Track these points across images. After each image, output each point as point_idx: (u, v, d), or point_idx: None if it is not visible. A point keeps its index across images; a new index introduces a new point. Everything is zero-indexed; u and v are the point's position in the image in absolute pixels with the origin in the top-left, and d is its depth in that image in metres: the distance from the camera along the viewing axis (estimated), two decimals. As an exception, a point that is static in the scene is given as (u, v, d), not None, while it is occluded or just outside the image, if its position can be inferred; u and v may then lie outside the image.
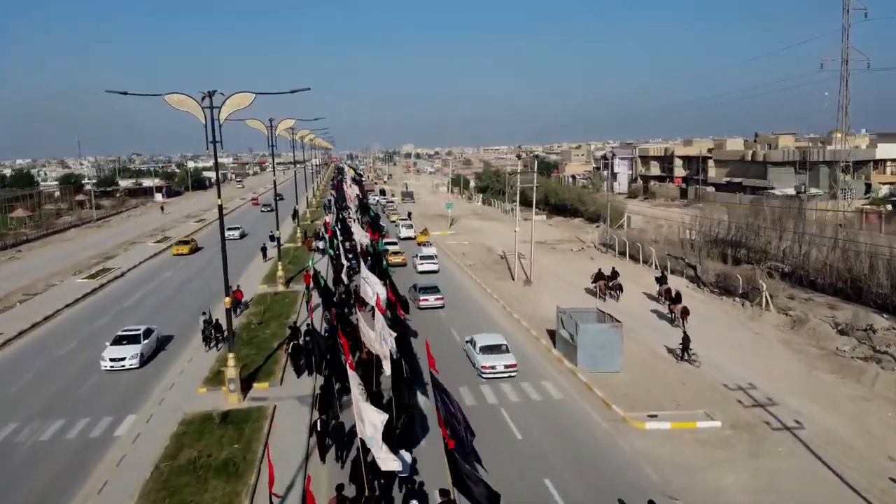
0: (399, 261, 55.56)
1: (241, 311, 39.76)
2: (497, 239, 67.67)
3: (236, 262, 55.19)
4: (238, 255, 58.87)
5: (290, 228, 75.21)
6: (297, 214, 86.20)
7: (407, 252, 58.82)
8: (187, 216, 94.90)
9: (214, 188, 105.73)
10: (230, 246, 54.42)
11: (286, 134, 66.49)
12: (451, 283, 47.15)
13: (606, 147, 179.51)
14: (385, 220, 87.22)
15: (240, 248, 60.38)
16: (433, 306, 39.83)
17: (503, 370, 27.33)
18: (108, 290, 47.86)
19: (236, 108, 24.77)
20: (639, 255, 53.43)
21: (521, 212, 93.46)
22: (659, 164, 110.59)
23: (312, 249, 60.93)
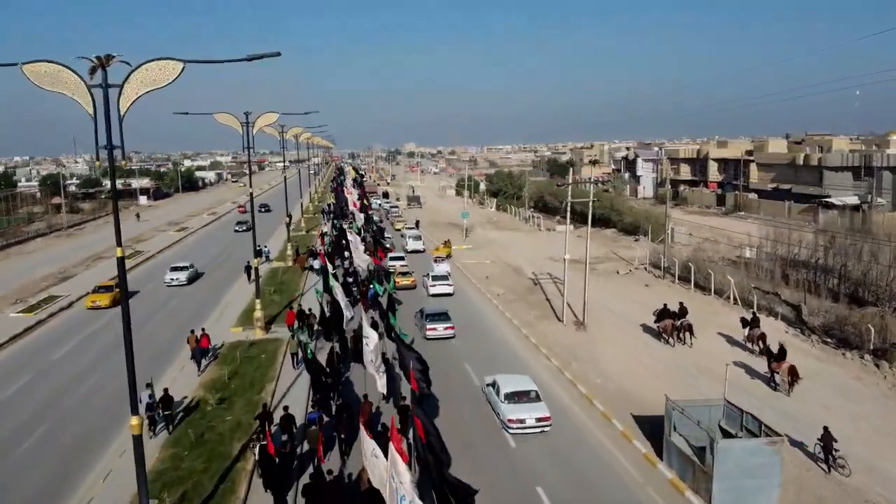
0: (408, 283, 45.80)
1: (206, 364, 29.39)
2: (522, 255, 57.10)
3: (214, 289, 45.02)
4: (213, 283, 48.48)
5: (283, 239, 64.78)
6: (290, 223, 75.83)
7: (416, 266, 48.92)
8: (169, 223, 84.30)
9: (208, 189, 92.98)
10: (167, 295, 43.50)
11: (274, 132, 56.22)
12: (478, 323, 36.71)
13: (620, 146, 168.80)
14: (389, 228, 76.79)
15: (186, 297, 44.33)
16: (442, 336, 33.29)
17: (534, 424, 22.16)
18: (39, 332, 37.22)
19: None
20: (707, 282, 42.93)
21: (536, 218, 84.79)
22: (690, 166, 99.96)
23: (306, 268, 50.51)
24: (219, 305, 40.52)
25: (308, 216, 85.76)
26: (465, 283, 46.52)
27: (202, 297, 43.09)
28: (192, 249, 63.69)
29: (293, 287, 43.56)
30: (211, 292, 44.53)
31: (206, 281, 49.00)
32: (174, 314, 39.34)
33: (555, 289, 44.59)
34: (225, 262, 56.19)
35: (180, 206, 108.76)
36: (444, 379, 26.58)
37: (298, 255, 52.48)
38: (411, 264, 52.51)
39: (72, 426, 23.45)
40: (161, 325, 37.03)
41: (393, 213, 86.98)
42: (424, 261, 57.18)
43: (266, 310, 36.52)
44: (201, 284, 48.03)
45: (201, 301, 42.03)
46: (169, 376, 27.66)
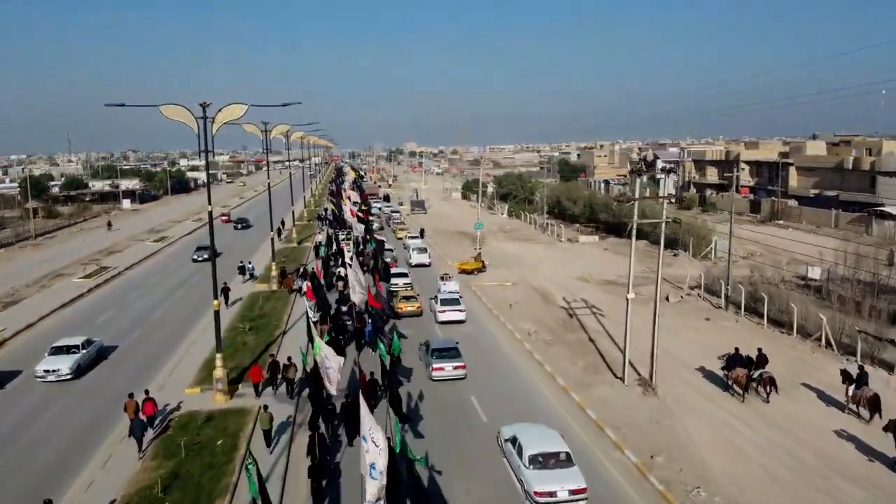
0: (412, 309, 37.93)
1: (151, 440, 21.15)
2: (547, 274, 48.64)
3: (178, 326, 36.32)
4: (177, 317, 40.05)
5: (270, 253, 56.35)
6: (281, 232, 67.35)
7: (421, 284, 40.76)
8: (150, 231, 75.77)
9: (200, 190, 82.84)
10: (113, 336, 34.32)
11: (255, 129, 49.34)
12: (508, 379, 28.07)
13: (632, 146, 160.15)
14: (390, 237, 68.44)
15: (134, 343, 35.23)
16: (450, 377, 27.36)
17: (567, 498, 17.37)
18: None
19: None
20: (782, 314, 34.59)
21: (552, 226, 76.12)
22: (718, 169, 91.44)
23: (294, 291, 42.23)
24: (178, 349, 31.95)
25: (302, 224, 77.27)
26: (483, 314, 38.05)
27: (159, 339, 34.59)
28: (164, 265, 55.18)
29: (274, 322, 35.05)
30: (173, 331, 35.94)
31: (170, 311, 40.48)
32: (116, 369, 30.89)
33: (595, 323, 36.13)
34: (201, 281, 47.74)
35: (167, 210, 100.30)
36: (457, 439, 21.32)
37: (285, 276, 43.95)
38: (416, 282, 44.48)
39: None
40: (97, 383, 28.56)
41: (394, 220, 78.52)
42: (431, 275, 49.12)
43: (235, 358, 28.20)
44: (164, 317, 39.53)
45: (157, 345, 33.45)
46: (83, 479, 19.24)
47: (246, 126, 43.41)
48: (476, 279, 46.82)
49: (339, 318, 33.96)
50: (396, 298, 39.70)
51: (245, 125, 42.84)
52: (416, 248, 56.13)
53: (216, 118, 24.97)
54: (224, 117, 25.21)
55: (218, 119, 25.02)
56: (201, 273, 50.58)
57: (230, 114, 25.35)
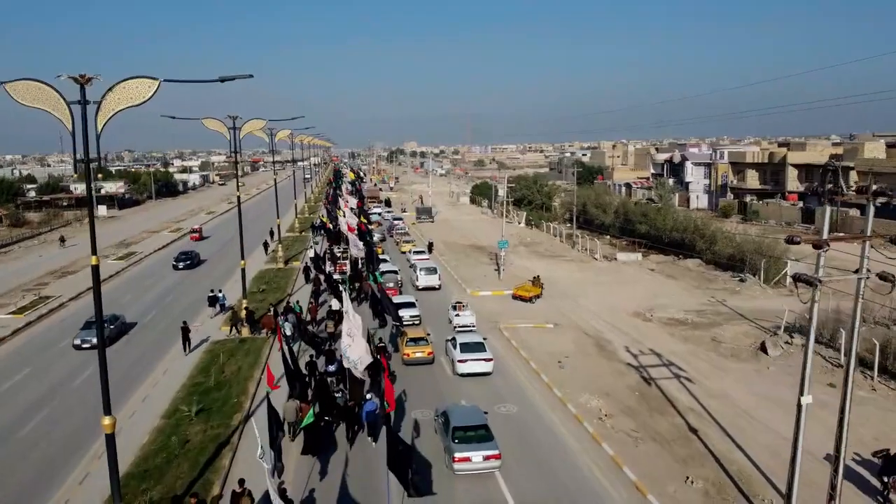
0: (422, 355, 29.45)
1: None
2: (593, 307, 38.42)
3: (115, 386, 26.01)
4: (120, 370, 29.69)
5: (252, 276, 46.10)
6: (268, 246, 57.27)
7: (430, 313, 30.84)
8: (119, 244, 65.44)
9: (189, 194, 71.38)
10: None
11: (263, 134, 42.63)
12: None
13: (648, 146, 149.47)
14: (391, 249, 58.51)
15: None
16: (480, 470, 19.24)
17: None
18: None
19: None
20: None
21: (577, 237, 65.11)
22: (759, 173, 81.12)
23: (275, 329, 32.25)
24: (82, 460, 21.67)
25: (293, 236, 66.98)
26: (523, 377, 27.78)
27: (65, 432, 24.31)
28: (120, 293, 44.86)
29: (234, 397, 24.70)
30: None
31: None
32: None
33: (685, 394, 25.82)
34: (160, 318, 37.46)
35: (147, 218, 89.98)
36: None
37: (268, 312, 33.47)
38: (424, 311, 34.75)
39: None
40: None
41: (397, 229, 68.21)
42: (442, 302, 39.29)
43: (163, 478, 17.92)
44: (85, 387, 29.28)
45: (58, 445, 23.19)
46: None
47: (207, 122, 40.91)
48: (505, 316, 36.51)
49: (326, 388, 23.81)
50: (401, 340, 30.30)
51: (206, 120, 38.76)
52: (425, 267, 46.14)
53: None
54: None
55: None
56: (162, 306, 40.23)
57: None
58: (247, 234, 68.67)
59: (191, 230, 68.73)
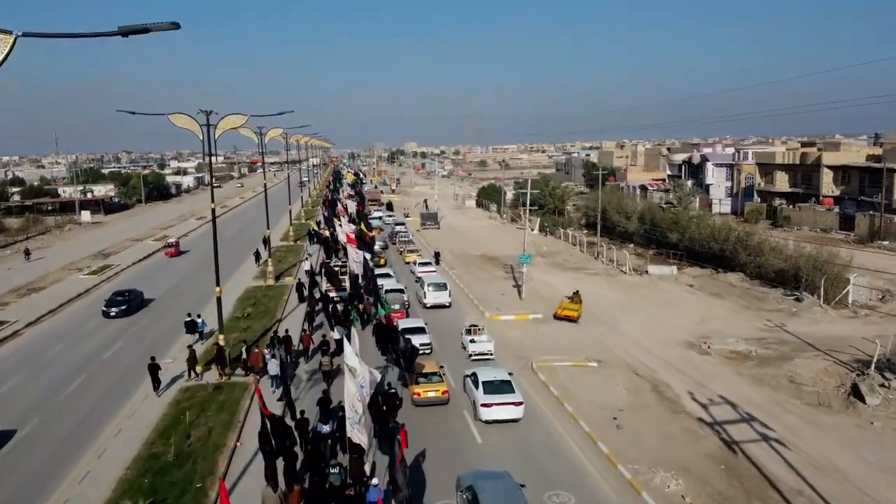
0: (435, 394, 24.25)
1: None
2: (637, 335, 32.45)
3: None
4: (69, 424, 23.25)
5: (240, 289, 40.01)
6: (259, 257, 51.35)
7: (439, 337, 25.38)
8: (96, 254, 59.33)
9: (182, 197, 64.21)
10: None
11: (251, 133, 39.29)
12: None
13: (660, 146, 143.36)
14: (395, 259, 52.79)
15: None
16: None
17: None
18: None
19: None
20: None
21: (601, 246, 53.73)
22: (789, 175, 75.09)
23: (259, 375, 26.45)
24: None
25: (287, 245, 60.90)
26: (567, 434, 21.77)
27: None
28: (84, 318, 38.76)
29: (208, 458, 18.72)
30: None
31: (48, 428, 24.16)
32: None
33: (781, 465, 19.82)
34: (118, 356, 31.42)
35: (134, 224, 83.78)
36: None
37: (223, 361, 26.99)
38: (435, 336, 29.09)
39: None
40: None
41: (400, 237, 62.09)
42: (453, 321, 33.61)
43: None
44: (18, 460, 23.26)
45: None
46: None
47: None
48: (536, 349, 30.49)
49: (319, 462, 17.95)
50: (411, 376, 24.77)
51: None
52: (434, 283, 40.35)
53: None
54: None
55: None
56: (126, 336, 34.14)
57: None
58: (240, 241, 62.67)
59: (165, 244, 59.44)
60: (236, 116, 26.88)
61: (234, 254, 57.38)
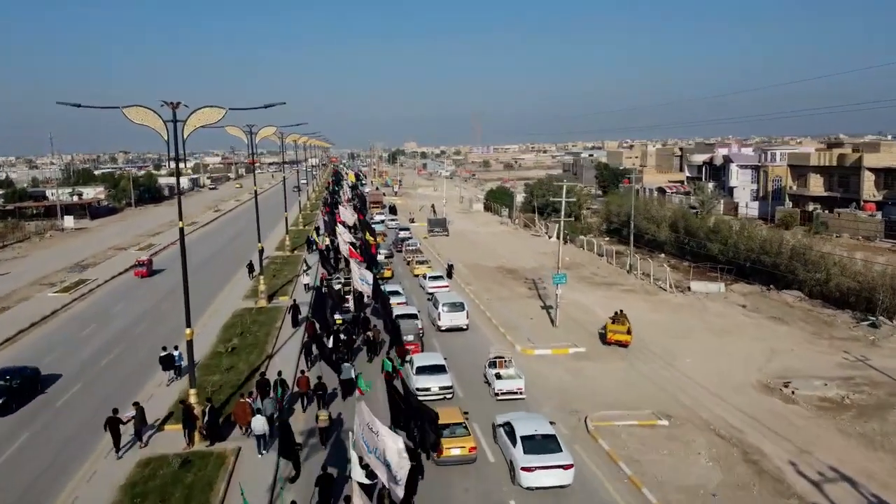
0: (461, 452, 19.24)
1: None
2: (701, 374, 26.70)
3: None
4: None
5: (227, 313, 34.18)
6: (252, 269, 45.65)
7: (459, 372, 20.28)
8: (72, 267, 53.54)
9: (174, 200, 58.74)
10: None
11: (240, 133, 37.74)
12: None
13: (673, 146, 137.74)
14: (402, 272, 47.30)
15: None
16: None
17: None
18: None
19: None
20: None
21: (634, 258, 46.29)
22: (824, 178, 69.42)
23: (248, 433, 20.77)
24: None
25: (282, 256, 55.06)
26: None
27: None
28: (46, 349, 32.91)
29: None
30: None
31: None
32: None
33: None
34: (88, 391, 25.63)
35: (119, 230, 77.95)
36: None
37: (193, 416, 21.14)
38: (452, 367, 24.00)
39: None
40: None
41: (408, 245, 56.20)
42: (472, 350, 28.24)
43: None
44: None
45: None
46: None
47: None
48: (585, 397, 24.73)
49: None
50: (434, 447, 18.95)
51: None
52: (449, 302, 34.79)
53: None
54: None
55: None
56: (97, 369, 28.33)
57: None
58: (232, 249, 56.94)
59: (136, 263, 49.87)
60: (211, 109, 20.39)
61: (224, 266, 51.74)
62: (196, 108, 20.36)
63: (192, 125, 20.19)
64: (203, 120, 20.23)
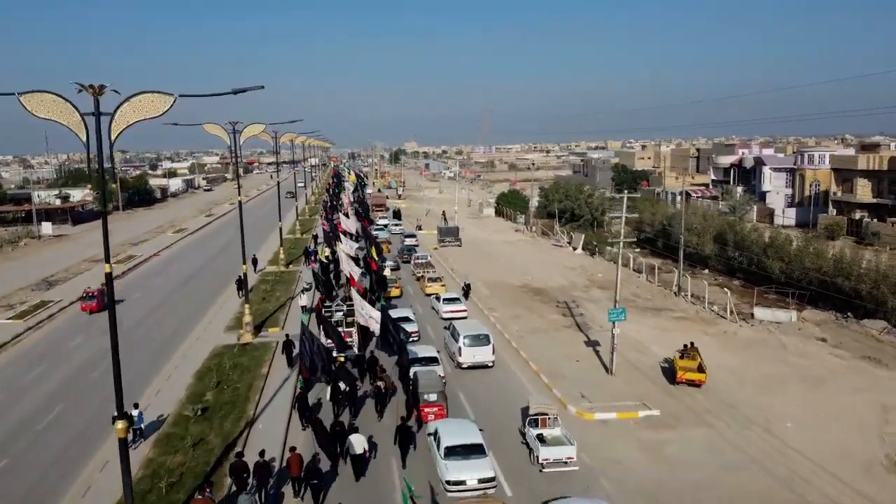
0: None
1: None
2: (827, 460, 20.01)
3: None
4: None
5: (206, 350, 27.45)
6: (242, 285, 38.81)
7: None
8: (37, 284, 46.88)
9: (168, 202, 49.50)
10: None
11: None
12: None
13: (689, 147, 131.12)
14: (412, 291, 40.91)
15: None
16: None
17: None
18: None
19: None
20: None
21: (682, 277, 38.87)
22: (872, 182, 62.84)
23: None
24: None
25: (276, 273, 48.24)
26: None
27: None
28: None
29: None
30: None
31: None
32: None
33: None
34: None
35: (101, 238, 70.89)
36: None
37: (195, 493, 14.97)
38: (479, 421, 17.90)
39: None
40: None
41: (417, 259, 49.36)
42: (500, 391, 22.11)
43: None
44: None
45: None
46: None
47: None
48: (675, 496, 18.21)
49: None
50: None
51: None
52: (471, 334, 28.68)
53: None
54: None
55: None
56: (28, 442, 21.71)
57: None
58: (220, 263, 50.05)
59: (82, 295, 38.70)
60: (153, 96, 13.93)
61: (209, 283, 45.19)
62: (129, 96, 13.89)
63: (125, 120, 14.13)
64: (141, 112, 14.33)
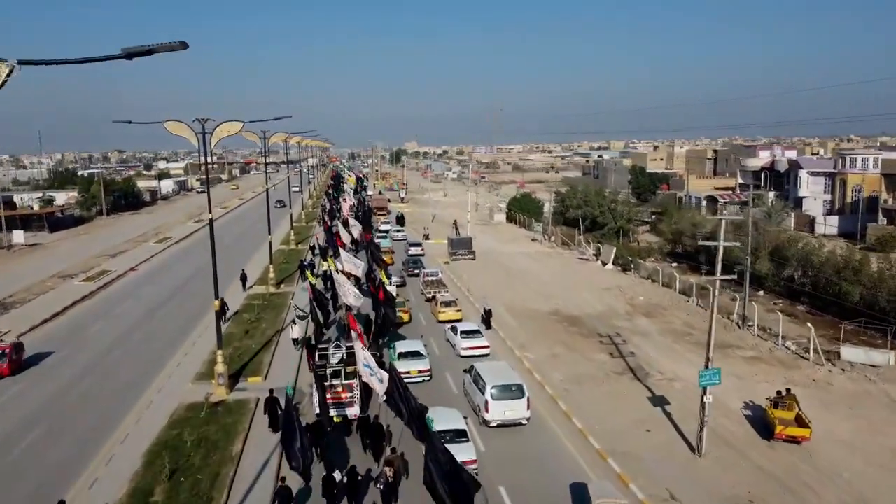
0: None
1: None
2: None
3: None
4: None
5: (171, 405, 20.91)
6: (224, 309, 31.77)
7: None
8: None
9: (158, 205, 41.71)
10: None
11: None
12: None
13: (705, 148, 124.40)
14: (423, 317, 34.34)
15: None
16: None
17: None
18: None
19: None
20: None
21: (748, 305, 32.31)
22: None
23: None
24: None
25: (264, 297, 41.28)
26: None
27: None
28: None
29: None
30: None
31: None
32: None
33: None
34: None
35: (76, 248, 64.14)
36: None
37: None
38: None
39: None
40: None
41: (427, 277, 42.43)
42: (535, 461, 15.60)
43: None
44: None
45: None
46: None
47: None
48: None
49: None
50: None
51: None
52: (500, 384, 22.76)
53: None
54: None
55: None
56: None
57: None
58: (203, 279, 44.03)
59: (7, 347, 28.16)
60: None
61: (185, 309, 38.26)
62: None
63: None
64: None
